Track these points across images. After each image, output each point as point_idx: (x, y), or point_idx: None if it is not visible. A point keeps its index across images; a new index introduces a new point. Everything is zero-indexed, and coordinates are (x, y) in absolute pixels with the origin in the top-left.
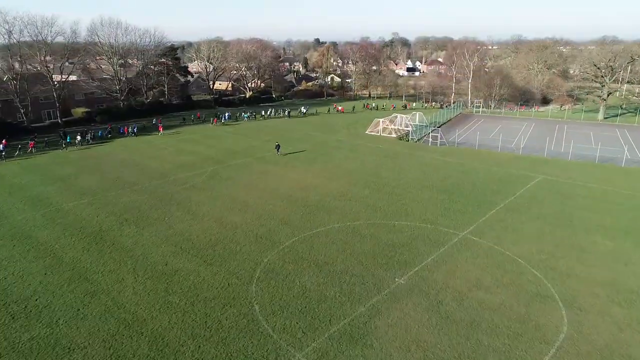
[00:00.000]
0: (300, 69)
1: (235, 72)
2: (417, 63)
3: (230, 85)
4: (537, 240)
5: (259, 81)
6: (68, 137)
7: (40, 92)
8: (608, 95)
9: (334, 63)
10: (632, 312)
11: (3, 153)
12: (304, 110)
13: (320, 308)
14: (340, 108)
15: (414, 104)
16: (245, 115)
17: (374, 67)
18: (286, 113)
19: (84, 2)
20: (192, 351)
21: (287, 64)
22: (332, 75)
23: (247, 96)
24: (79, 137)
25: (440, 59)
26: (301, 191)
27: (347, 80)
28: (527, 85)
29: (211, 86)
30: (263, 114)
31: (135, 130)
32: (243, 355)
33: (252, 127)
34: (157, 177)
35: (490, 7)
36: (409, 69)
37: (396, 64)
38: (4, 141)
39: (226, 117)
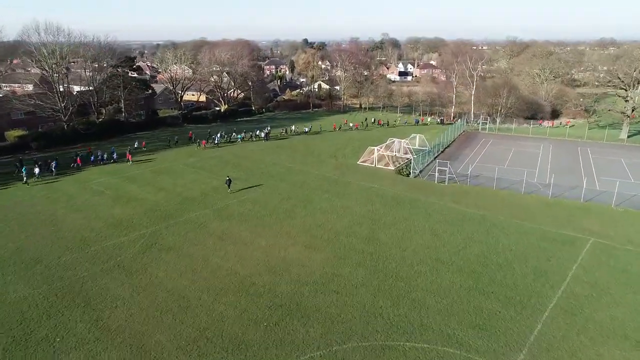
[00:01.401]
0: (287, 72)
1: (214, 78)
2: (409, 66)
3: (201, 96)
4: None
5: (236, 92)
6: (24, 168)
7: None
8: (632, 111)
9: (322, 66)
10: None
11: None
12: (306, 130)
13: None
14: (355, 124)
15: (429, 119)
16: (239, 136)
17: (365, 73)
18: (262, 134)
19: (85, 1)
20: None
21: (272, 66)
22: (320, 82)
23: (222, 110)
24: (37, 169)
25: (432, 62)
26: (269, 273)
27: (335, 88)
28: (534, 96)
29: (179, 100)
30: (258, 134)
31: (114, 156)
32: None
33: (220, 156)
34: (75, 246)
35: (484, 7)
36: (401, 73)
37: (387, 68)
38: None
39: (217, 138)
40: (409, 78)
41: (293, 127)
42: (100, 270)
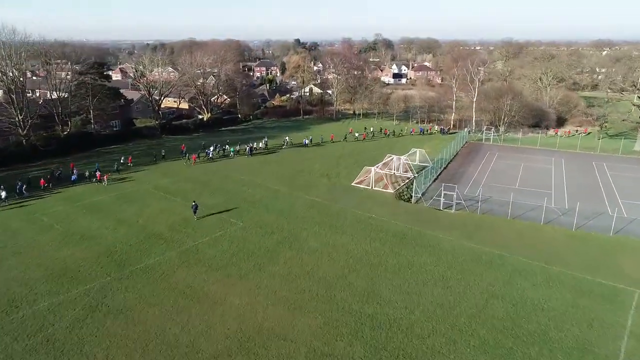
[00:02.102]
0: (278, 74)
1: (198, 83)
2: (403, 68)
3: (182, 103)
4: None
5: (221, 98)
6: None
7: None
8: None
9: (315, 68)
10: None
11: None
12: (306, 142)
13: None
14: (363, 135)
15: (435, 128)
16: (232, 149)
17: (356, 73)
18: (246, 149)
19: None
20: None
21: (263, 68)
22: (311, 85)
23: (205, 119)
24: (3, 193)
25: (427, 63)
26: (240, 352)
27: (327, 92)
28: (538, 103)
29: (156, 109)
30: (256, 145)
31: (97, 174)
32: None
33: (199, 176)
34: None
35: (476, 7)
36: (395, 75)
37: (381, 70)
38: None
39: (211, 152)
40: (404, 80)
41: (287, 139)
42: (23, 349)
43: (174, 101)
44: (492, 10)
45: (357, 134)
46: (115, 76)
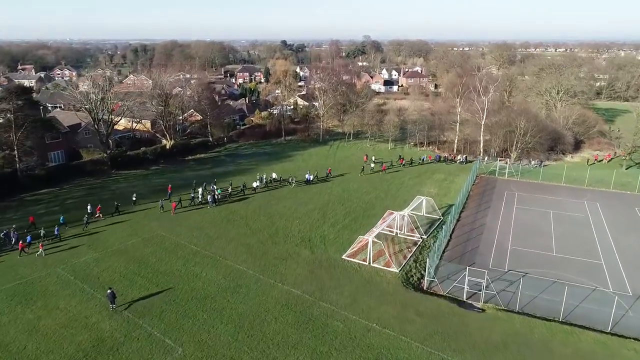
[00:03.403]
0: (262, 80)
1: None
2: (394, 73)
3: (140, 125)
4: None
5: (190, 117)
6: None
7: None
8: None
9: (301, 73)
10: None
11: None
12: (309, 178)
13: None
14: (382, 166)
15: (459, 158)
16: (219, 190)
17: (347, 80)
18: (208, 197)
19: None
20: None
21: (247, 74)
22: (297, 98)
23: (168, 146)
24: None
25: (417, 68)
26: None
27: (314, 105)
28: (552, 124)
29: (105, 139)
30: (255, 185)
31: (56, 232)
32: None
33: (135, 248)
34: None
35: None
36: (386, 82)
37: (371, 77)
38: None
39: (196, 196)
40: (395, 88)
41: (274, 175)
42: None
43: (135, 122)
44: (482, 11)
45: (372, 165)
46: (83, 86)
